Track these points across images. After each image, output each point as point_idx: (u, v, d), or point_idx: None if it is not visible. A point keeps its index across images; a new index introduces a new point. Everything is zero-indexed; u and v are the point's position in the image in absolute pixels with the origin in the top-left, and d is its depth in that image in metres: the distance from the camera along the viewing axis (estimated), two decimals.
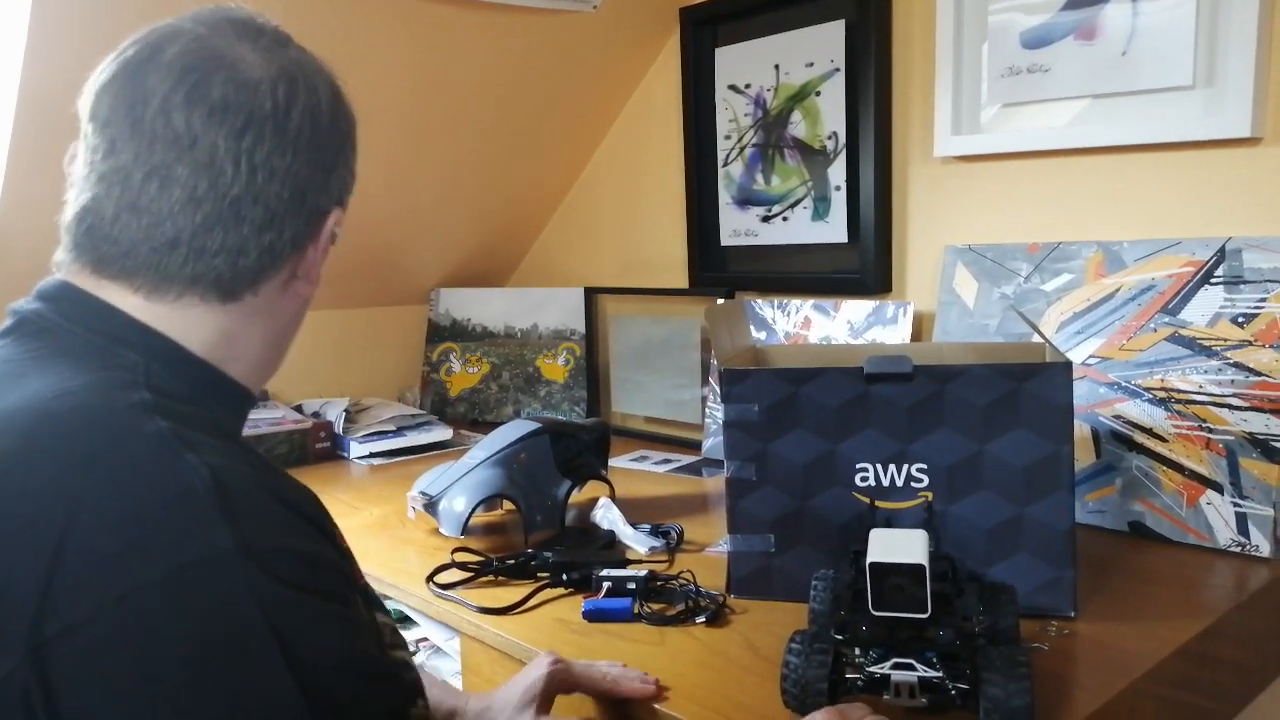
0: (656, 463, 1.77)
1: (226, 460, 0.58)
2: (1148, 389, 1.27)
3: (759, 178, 1.80)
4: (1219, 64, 1.25)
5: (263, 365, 0.75)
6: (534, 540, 1.30)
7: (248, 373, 0.73)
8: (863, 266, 1.66)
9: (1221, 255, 1.25)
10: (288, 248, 0.70)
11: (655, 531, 1.31)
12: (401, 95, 1.76)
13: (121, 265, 0.66)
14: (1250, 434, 1.19)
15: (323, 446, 1.85)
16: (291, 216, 0.70)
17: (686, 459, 1.78)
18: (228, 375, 0.71)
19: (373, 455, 1.84)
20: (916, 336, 1.57)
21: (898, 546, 0.82)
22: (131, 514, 0.54)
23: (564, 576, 1.15)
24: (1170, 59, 1.28)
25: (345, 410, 1.90)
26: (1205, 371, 1.23)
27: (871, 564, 0.81)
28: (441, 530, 1.32)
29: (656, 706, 0.87)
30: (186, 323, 0.67)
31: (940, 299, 1.51)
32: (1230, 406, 1.21)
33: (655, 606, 1.07)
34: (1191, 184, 1.31)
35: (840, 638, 0.84)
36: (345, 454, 1.86)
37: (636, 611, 1.05)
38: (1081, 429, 1.31)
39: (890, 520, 1.03)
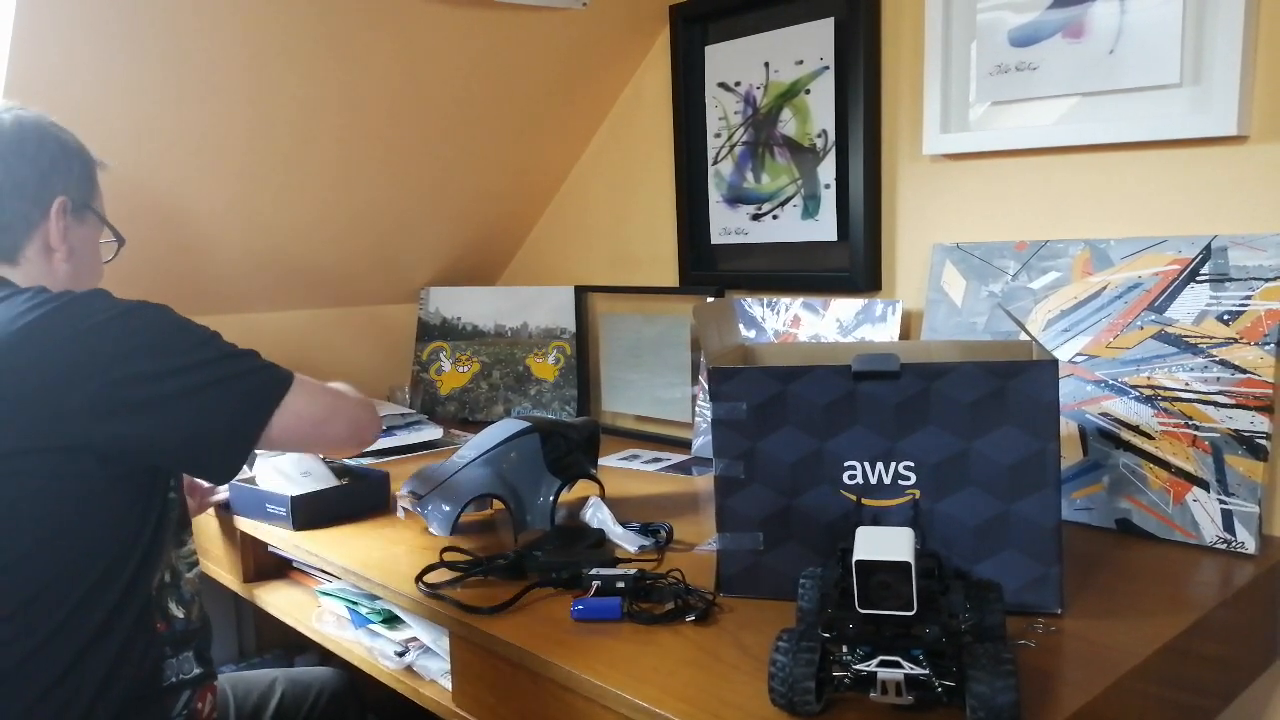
0: (646, 461, 1.77)
1: None
2: (1134, 386, 1.28)
3: (749, 176, 1.80)
4: (1206, 62, 1.26)
5: None
6: (524, 539, 1.30)
7: None
8: (852, 265, 1.66)
9: (1207, 253, 1.26)
10: (22, 224, 1.08)
11: (645, 530, 1.31)
12: (390, 93, 1.75)
13: None
14: (1236, 431, 1.20)
15: None
16: (14, 204, 1.08)
17: (676, 457, 1.78)
18: None
19: (363, 455, 1.83)
20: (905, 334, 1.58)
21: (884, 544, 0.82)
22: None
23: (553, 576, 1.15)
24: (1157, 57, 1.29)
25: None
26: (1191, 369, 1.24)
27: (858, 562, 0.81)
28: (431, 530, 1.32)
29: (646, 706, 0.87)
30: (14, 278, 1.08)
31: (929, 297, 1.52)
32: (1216, 404, 1.21)
33: (645, 605, 1.07)
34: (1178, 182, 1.32)
35: (827, 636, 0.84)
36: None
37: (626, 610, 1.06)
38: (1068, 426, 1.31)
39: (877, 518, 1.03)
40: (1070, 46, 1.37)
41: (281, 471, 1.44)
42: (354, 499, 1.48)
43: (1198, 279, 1.26)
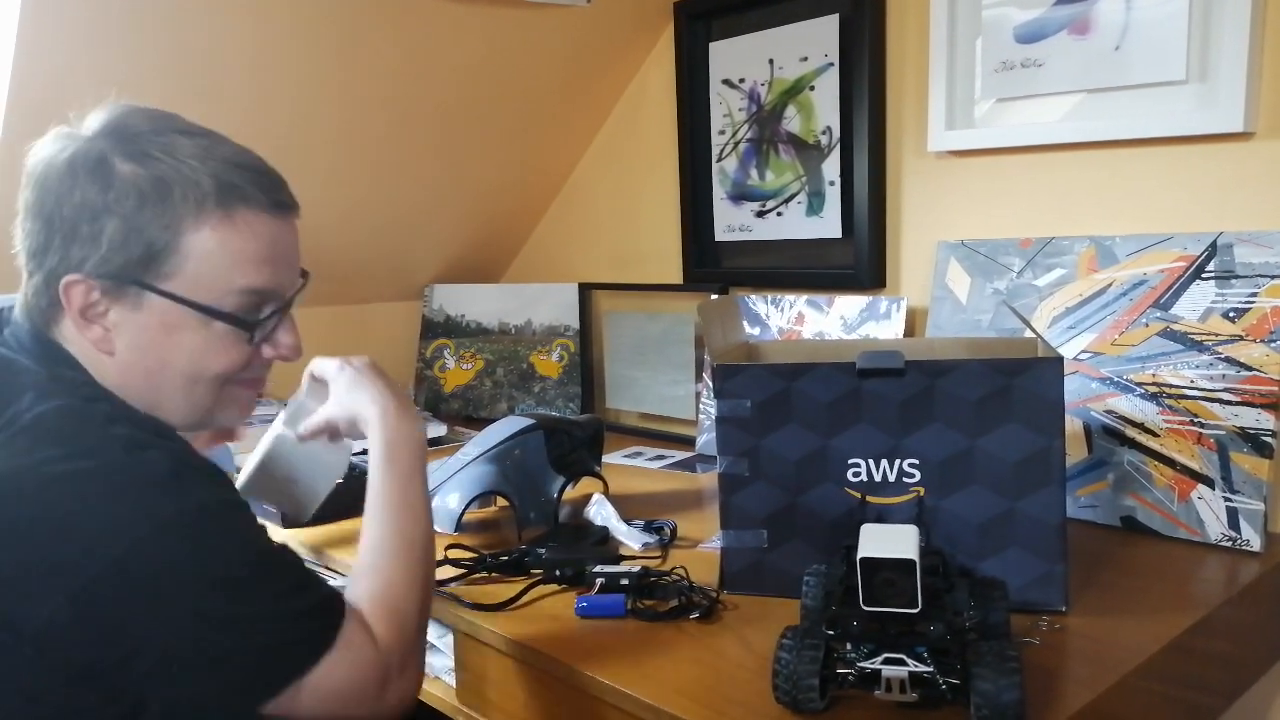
0: (650, 459, 1.77)
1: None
2: (1139, 384, 1.28)
3: (753, 173, 1.80)
4: (1212, 59, 1.25)
5: (137, 393, 0.86)
6: (527, 537, 1.30)
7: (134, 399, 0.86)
8: (856, 262, 1.66)
9: (1213, 250, 1.25)
10: (42, 299, 0.84)
11: (649, 528, 1.31)
12: (394, 90, 1.75)
13: None
14: (1241, 429, 1.19)
15: None
16: (32, 274, 0.85)
17: (680, 455, 1.78)
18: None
19: (366, 452, 1.83)
20: (910, 332, 1.58)
21: (888, 542, 0.82)
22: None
23: (557, 573, 1.15)
24: (1163, 53, 1.28)
25: None
26: (1197, 366, 1.23)
27: (862, 559, 0.81)
28: (435, 527, 1.32)
29: (650, 702, 0.87)
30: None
31: (933, 294, 1.51)
32: (1221, 401, 1.21)
33: (649, 603, 1.07)
34: (1184, 178, 1.32)
35: (832, 633, 0.84)
36: None
37: (630, 608, 1.06)
38: (1073, 424, 1.31)
39: (882, 516, 1.03)
40: (1076, 43, 1.36)
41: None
42: (350, 498, 1.47)
43: (1203, 276, 1.25)
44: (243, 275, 0.85)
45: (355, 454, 1.81)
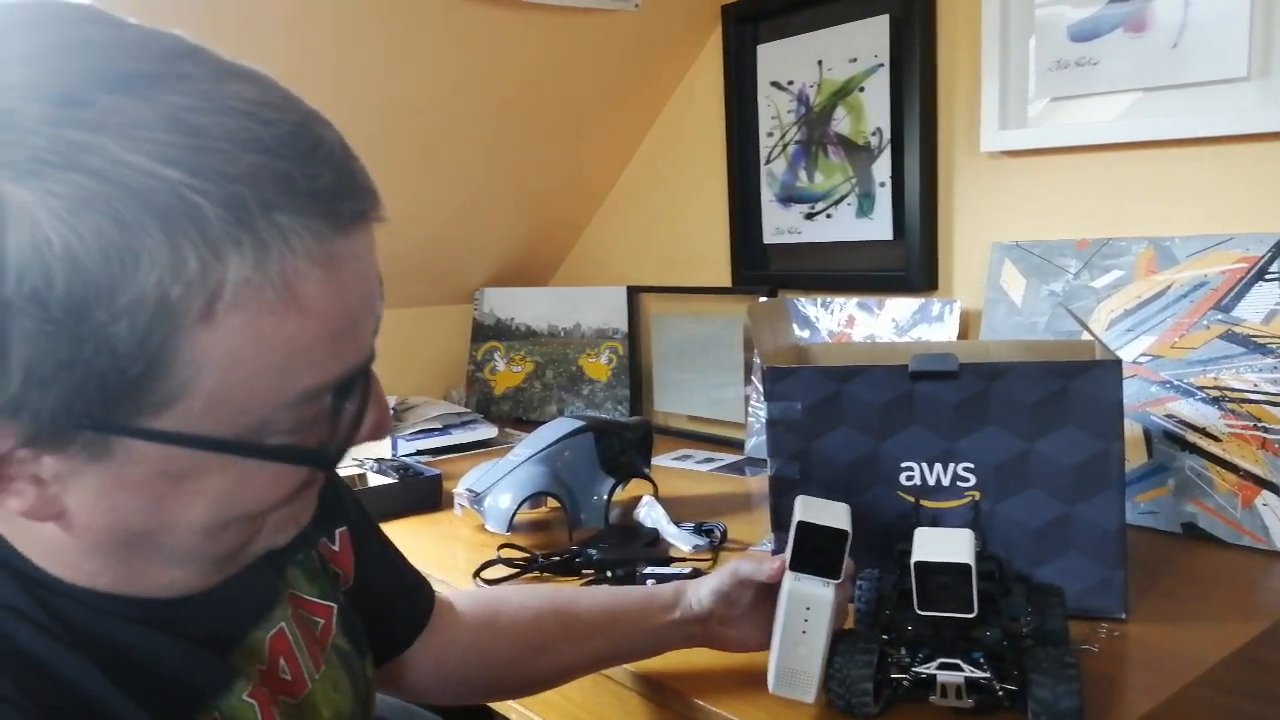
0: (699, 461, 1.77)
1: None
2: (1200, 387, 1.25)
3: (802, 175, 1.79)
4: (1275, 54, 1.22)
5: (98, 569, 0.52)
6: (578, 537, 1.31)
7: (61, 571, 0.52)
8: (908, 264, 1.64)
9: (1276, 251, 1.23)
10: None
11: (699, 530, 1.31)
12: (444, 96, 1.77)
13: None
14: None
15: None
16: None
17: (730, 458, 1.78)
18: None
19: (420, 453, 1.86)
20: (963, 335, 1.56)
21: (943, 545, 0.81)
22: None
23: (608, 573, 1.15)
24: (1224, 50, 1.26)
25: (393, 409, 1.93)
26: (1260, 370, 1.21)
27: (917, 563, 0.80)
28: (487, 526, 1.34)
29: (702, 703, 0.87)
30: None
31: (987, 296, 1.50)
32: None
33: None
34: (1245, 178, 1.29)
35: (886, 637, 0.84)
36: (393, 452, 1.88)
37: None
38: (1133, 428, 1.29)
39: (936, 520, 1.02)
40: (1132, 41, 1.34)
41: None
42: (404, 497, 1.50)
43: (1266, 277, 1.23)
44: (307, 372, 0.49)
45: (416, 456, 1.83)
